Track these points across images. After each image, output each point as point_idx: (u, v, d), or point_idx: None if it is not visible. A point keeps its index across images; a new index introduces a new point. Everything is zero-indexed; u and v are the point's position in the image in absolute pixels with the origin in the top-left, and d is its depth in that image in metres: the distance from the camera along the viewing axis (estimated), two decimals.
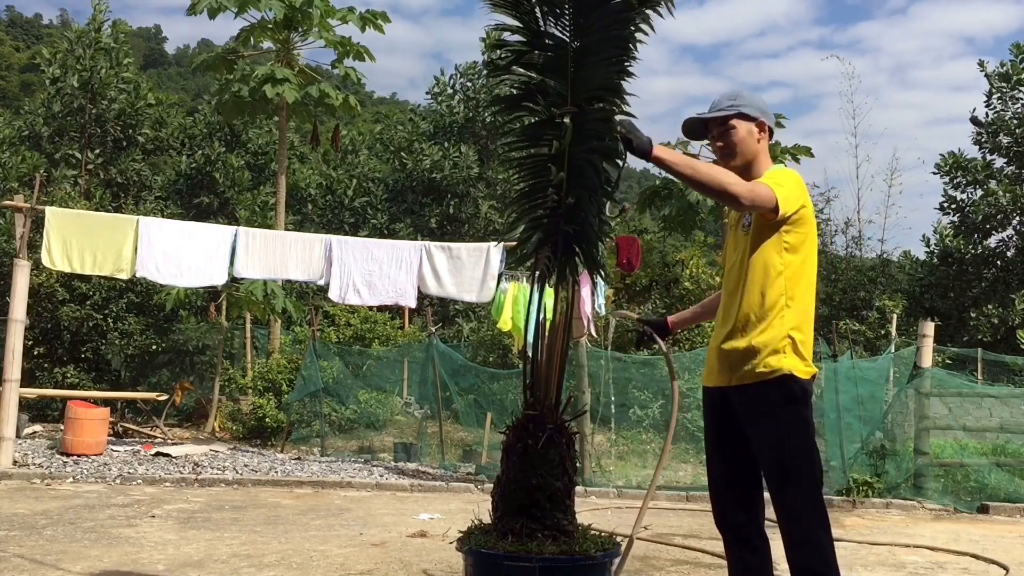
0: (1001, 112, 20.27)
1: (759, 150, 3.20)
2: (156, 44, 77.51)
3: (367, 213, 24.38)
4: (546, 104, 3.14)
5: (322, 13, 15.01)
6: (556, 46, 3.09)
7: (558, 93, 3.11)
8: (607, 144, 3.13)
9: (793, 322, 3.06)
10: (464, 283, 9.88)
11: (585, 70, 3.06)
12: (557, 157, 3.13)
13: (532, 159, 3.30)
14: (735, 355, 3.11)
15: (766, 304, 3.07)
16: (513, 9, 3.11)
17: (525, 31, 3.14)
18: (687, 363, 11.51)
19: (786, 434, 3.02)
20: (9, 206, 9.74)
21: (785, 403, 3.03)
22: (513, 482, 3.20)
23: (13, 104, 32.40)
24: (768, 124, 3.24)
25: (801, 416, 3.03)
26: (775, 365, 3.03)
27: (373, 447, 12.20)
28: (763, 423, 3.06)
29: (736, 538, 3.20)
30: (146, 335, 15.50)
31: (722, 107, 3.21)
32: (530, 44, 3.14)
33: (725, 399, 3.17)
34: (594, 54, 3.04)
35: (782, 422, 3.03)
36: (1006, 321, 17.75)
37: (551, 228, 3.22)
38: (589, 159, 3.13)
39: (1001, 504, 8.67)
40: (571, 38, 3.06)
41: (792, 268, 3.08)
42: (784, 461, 3.02)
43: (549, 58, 3.11)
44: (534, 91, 3.18)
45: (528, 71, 3.16)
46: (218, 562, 5.31)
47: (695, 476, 10.02)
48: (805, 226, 3.11)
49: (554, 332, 3.32)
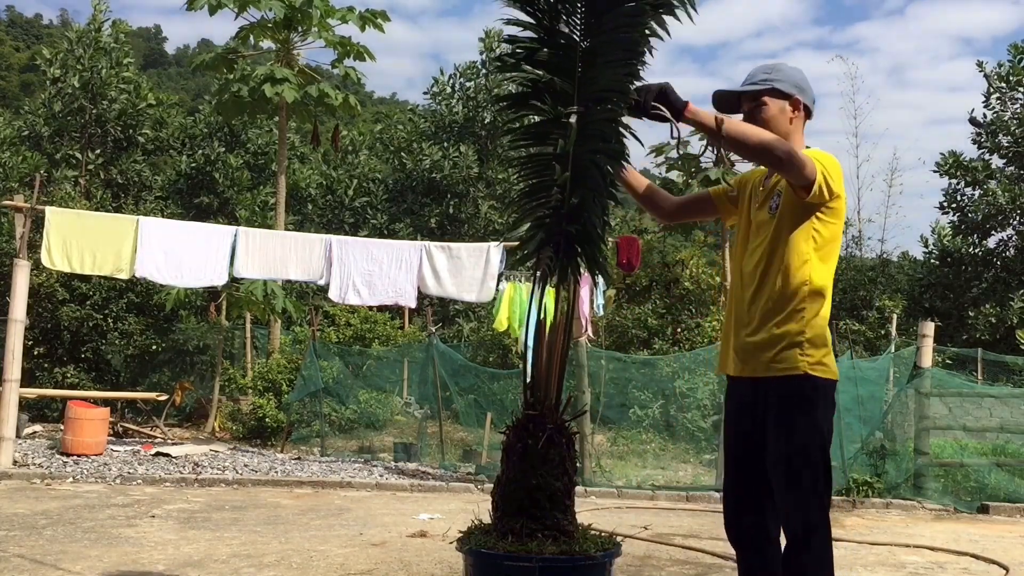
0: (1000, 112, 20.29)
1: (791, 131, 2.99)
2: (156, 44, 77.49)
3: (367, 213, 24.38)
4: (552, 103, 3.12)
5: (322, 13, 15.00)
6: (566, 45, 3.06)
7: (565, 92, 3.09)
8: (612, 145, 3.12)
9: (813, 314, 2.92)
10: (464, 283, 9.88)
11: (593, 71, 3.03)
12: (561, 157, 3.12)
13: (536, 158, 3.28)
14: (752, 345, 2.97)
15: (790, 291, 2.91)
16: (528, 5, 3.09)
17: (537, 28, 3.11)
18: (687, 363, 11.52)
19: (801, 433, 2.90)
20: (9, 206, 9.74)
21: (806, 403, 2.90)
22: (513, 482, 3.20)
23: (13, 104, 32.39)
24: (804, 102, 3.03)
25: (818, 418, 2.90)
26: (796, 361, 2.89)
27: (373, 447, 12.20)
28: (781, 419, 2.92)
29: (742, 539, 3.11)
30: (146, 335, 15.50)
31: (756, 80, 3.03)
32: (540, 42, 3.10)
33: (750, 389, 3.03)
34: (603, 55, 3.02)
35: (799, 421, 2.90)
36: (1005, 321, 17.76)
37: (554, 228, 3.22)
38: (593, 160, 3.12)
39: (1001, 504, 8.68)
40: (581, 38, 3.03)
41: (818, 258, 2.92)
42: (791, 460, 2.90)
43: (558, 57, 3.08)
44: (541, 90, 3.16)
45: (536, 69, 3.13)
46: (218, 562, 5.31)
47: (695, 476, 10.02)
48: (838, 219, 2.94)
49: (554, 332, 3.32)
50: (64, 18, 68.80)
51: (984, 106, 20.58)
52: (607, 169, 3.16)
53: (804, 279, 2.92)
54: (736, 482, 3.12)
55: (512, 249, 9.52)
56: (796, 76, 3.04)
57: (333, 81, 16.79)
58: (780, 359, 2.92)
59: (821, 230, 2.93)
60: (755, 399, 3.02)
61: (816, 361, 2.92)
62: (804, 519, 2.89)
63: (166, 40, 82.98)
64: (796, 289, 2.92)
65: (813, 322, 2.93)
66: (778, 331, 2.93)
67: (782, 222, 2.96)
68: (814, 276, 2.93)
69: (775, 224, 2.97)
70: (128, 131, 21.00)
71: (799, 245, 2.92)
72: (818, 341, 2.93)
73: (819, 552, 2.90)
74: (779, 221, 2.96)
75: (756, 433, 3.02)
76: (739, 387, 3.10)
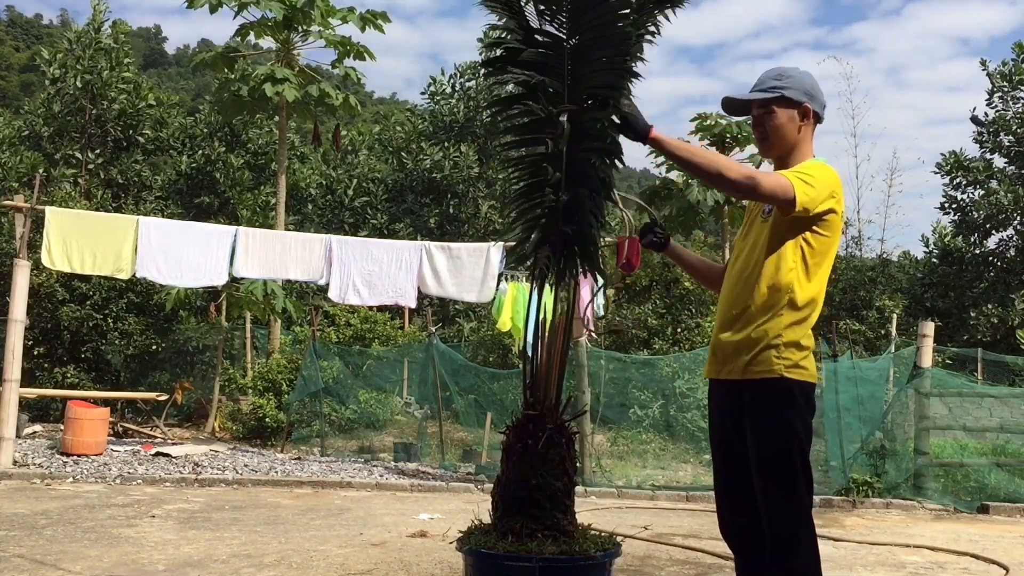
0: (1002, 112, 20.28)
1: (799, 139, 2.98)
2: (156, 44, 77.53)
3: (367, 213, 24.36)
4: (544, 102, 3.12)
5: (322, 13, 15.01)
6: (552, 44, 3.06)
7: (556, 92, 3.09)
8: (606, 144, 3.12)
9: (792, 321, 2.91)
10: (464, 283, 9.88)
11: (582, 68, 3.04)
12: (554, 156, 3.12)
13: (530, 158, 3.28)
14: (730, 347, 2.98)
15: (771, 299, 2.91)
16: (507, 9, 3.09)
17: (520, 29, 3.12)
18: (687, 363, 11.51)
19: (777, 435, 2.89)
20: (9, 206, 9.74)
21: (781, 405, 2.89)
22: (513, 482, 3.20)
23: (13, 104, 32.38)
24: (813, 109, 2.99)
25: (794, 419, 2.89)
26: (771, 364, 2.88)
27: (373, 447, 12.20)
28: (756, 422, 2.92)
29: (737, 541, 3.11)
30: (146, 335, 15.50)
31: (765, 87, 3.00)
32: (525, 42, 3.11)
33: (727, 392, 3.04)
34: (590, 53, 3.02)
35: (775, 423, 2.89)
36: (1006, 321, 17.76)
37: (549, 228, 3.22)
38: (588, 158, 3.12)
39: (1001, 504, 8.67)
40: (567, 36, 3.03)
41: (803, 269, 2.92)
42: (769, 463, 2.89)
43: (546, 56, 3.08)
44: (533, 89, 3.16)
45: (525, 70, 3.12)
46: (218, 562, 5.31)
47: (695, 476, 10.02)
48: (831, 233, 2.93)
49: (554, 332, 3.32)
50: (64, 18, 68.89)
51: (987, 104, 20.58)
52: (601, 167, 3.16)
53: (787, 288, 2.91)
54: (726, 486, 3.12)
55: (511, 249, 9.52)
56: (807, 82, 3.01)
57: (333, 81, 16.79)
58: (756, 361, 2.92)
59: (812, 242, 2.93)
60: (731, 404, 3.02)
61: (792, 364, 2.91)
62: (786, 522, 2.88)
63: (166, 40, 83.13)
64: (779, 297, 2.92)
65: (793, 328, 2.92)
66: (755, 335, 2.93)
67: (773, 230, 2.96)
68: (797, 287, 2.92)
69: (767, 231, 2.98)
70: (128, 131, 20.98)
71: (787, 254, 2.92)
72: (796, 345, 2.92)
73: (805, 556, 2.88)
74: (771, 228, 2.96)
75: (737, 437, 3.01)
76: (718, 390, 3.11)
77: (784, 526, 2.88)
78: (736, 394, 3.00)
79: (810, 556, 2.89)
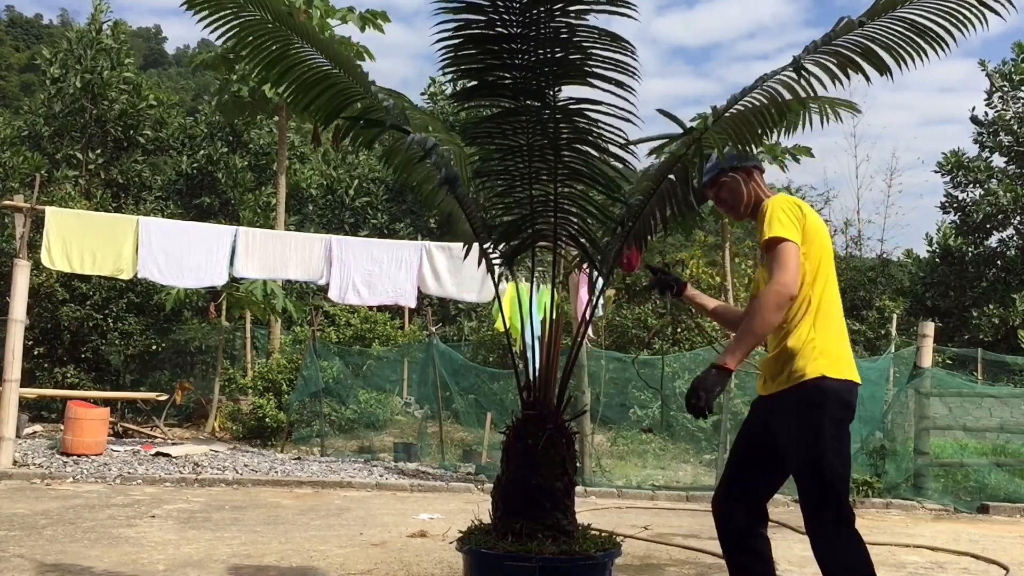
0: (1002, 111, 20.28)
1: (752, 191, 3.39)
2: (156, 44, 77.47)
3: (367, 213, 24.37)
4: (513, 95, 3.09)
5: (322, 13, 15.00)
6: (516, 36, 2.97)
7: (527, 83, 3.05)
8: (595, 139, 3.12)
9: (812, 325, 3.13)
10: (464, 283, 9.88)
11: (555, 60, 3.00)
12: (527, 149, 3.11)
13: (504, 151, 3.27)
14: (768, 363, 3.22)
15: (790, 312, 3.13)
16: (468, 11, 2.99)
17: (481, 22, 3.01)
18: (687, 363, 11.51)
19: (808, 436, 3.05)
20: (9, 206, 9.74)
21: (810, 406, 3.06)
22: (513, 482, 3.20)
23: (13, 104, 32.38)
24: (750, 165, 3.40)
25: (823, 420, 3.05)
26: (803, 370, 3.08)
27: (373, 447, 12.20)
28: (788, 425, 3.09)
29: (735, 539, 3.15)
30: (146, 335, 15.50)
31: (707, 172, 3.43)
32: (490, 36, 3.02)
33: (763, 405, 3.24)
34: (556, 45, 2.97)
35: (803, 425, 3.06)
36: (1007, 321, 17.76)
37: (542, 224, 3.22)
38: (576, 152, 3.12)
39: (1001, 504, 8.67)
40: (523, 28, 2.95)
41: (809, 276, 3.16)
42: (806, 464, 3.05)
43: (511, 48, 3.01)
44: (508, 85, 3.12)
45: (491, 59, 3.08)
46: (218, 562, 5.31)
47: (695, 476, 10.02)
48: (809, 238, 3.19)
49: (553, 332, 3.32)
50: (64, 18, 68.80)
51: (986, 104, 20.58)
52: (593, 161, 3.16)
53: (802, 298, 3.16)
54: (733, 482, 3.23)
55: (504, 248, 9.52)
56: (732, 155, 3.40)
57: None
58: (787, 371, 3.12)
59: (805, 251, 3.17)
60: (768, 413, 3.20)
61: (819, 367, 3.09)
62: (831, 514, 3.04)
63: (166, 40, 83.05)
64: (796, 309, 3.15)
65: (815, 335, 3.13)
66: (786, 346, 3.15)
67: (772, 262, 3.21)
68: (808, 292, 3.17)
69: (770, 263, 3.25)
70: (128, 131, 20.98)
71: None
72: (821, 349, 3.11)
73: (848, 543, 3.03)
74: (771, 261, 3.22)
75: (764, 442, 3.18)
76: (759, 404, 3.31)
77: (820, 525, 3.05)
78: (770, 404, 3.20)
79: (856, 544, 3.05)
